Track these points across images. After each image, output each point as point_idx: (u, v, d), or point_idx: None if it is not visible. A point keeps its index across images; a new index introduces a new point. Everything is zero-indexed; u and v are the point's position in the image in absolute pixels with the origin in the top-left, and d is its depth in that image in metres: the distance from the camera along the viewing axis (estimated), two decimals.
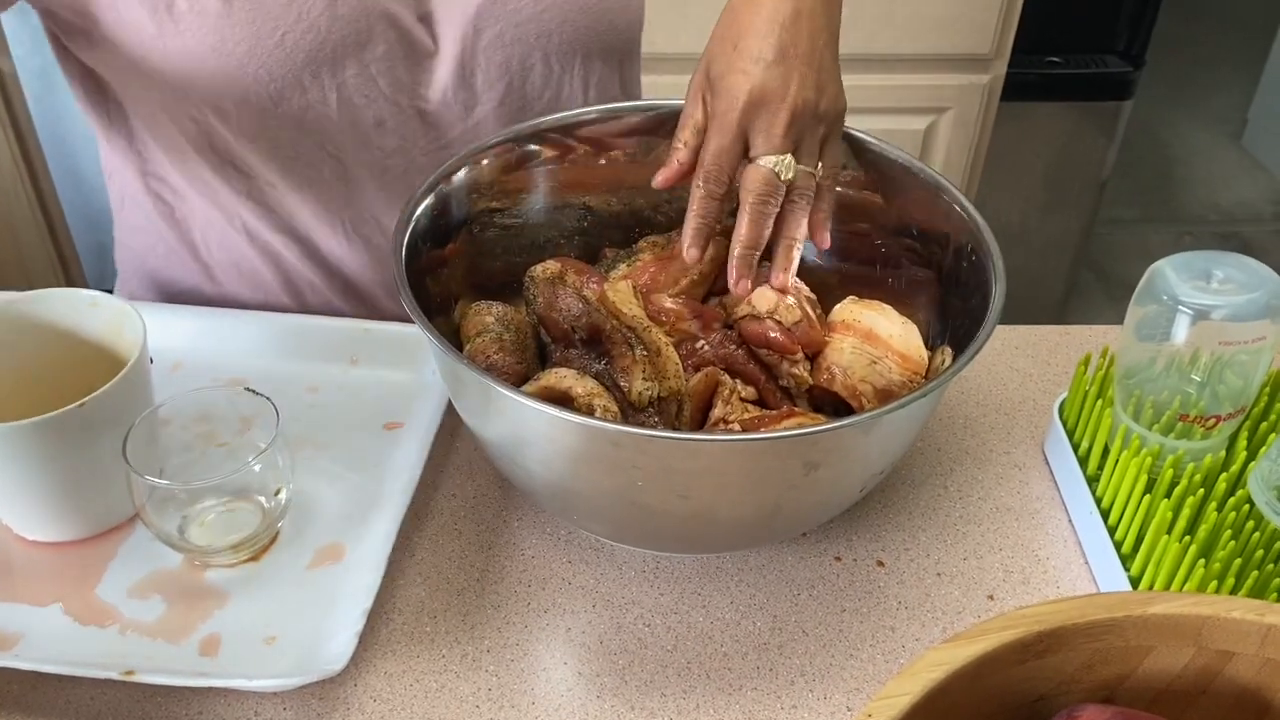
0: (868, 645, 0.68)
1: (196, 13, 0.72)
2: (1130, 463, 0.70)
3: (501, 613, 0.69)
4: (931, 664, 0.46)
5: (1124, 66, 2.02)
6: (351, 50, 0.76)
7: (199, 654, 0.64)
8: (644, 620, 0.69)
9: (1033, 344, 0.92)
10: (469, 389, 0.66)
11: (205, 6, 0.72)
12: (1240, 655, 0.48)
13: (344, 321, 0.85)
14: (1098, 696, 0.50)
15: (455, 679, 0.66)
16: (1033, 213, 2.14)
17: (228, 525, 0.69)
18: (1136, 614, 0.48)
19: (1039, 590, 0.72)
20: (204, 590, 0.68)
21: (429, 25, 0.79)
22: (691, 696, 0.65)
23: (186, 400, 0.70)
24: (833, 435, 0.61)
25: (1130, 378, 0.74)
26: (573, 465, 0.63)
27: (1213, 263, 0.69)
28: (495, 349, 0.71)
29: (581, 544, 0.74)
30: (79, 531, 0.70)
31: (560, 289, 0.74)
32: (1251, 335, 0.68)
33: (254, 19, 0.73)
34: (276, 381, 0.77)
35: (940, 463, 0.81)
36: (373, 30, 0.77)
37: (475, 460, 0.79)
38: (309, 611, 0.66)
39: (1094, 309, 2.50)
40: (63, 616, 0.66)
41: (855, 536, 0.75)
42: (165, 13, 0.72)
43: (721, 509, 0.65)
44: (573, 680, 0.66)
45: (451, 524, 0.75)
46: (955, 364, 0.62)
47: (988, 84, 1.81)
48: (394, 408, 0.80)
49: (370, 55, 0.77)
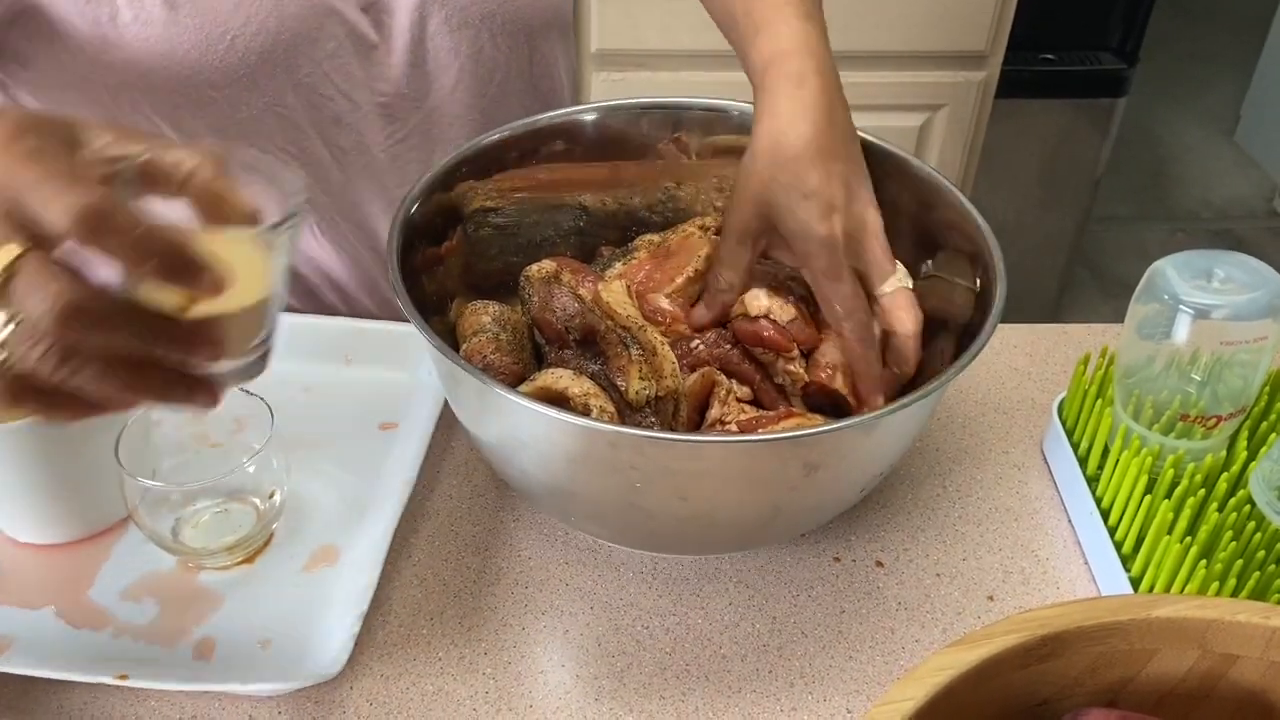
0: (867, 646, 0.68)
1: (142, 23, 0.71)
2: (1130, 463, 0.70)
3: (498, 615, 0.69)
4: (935, 668, 0.45)
5: (1118, 63, 2.02)
6: (303, 48, 0.76)
7: (193, 658, 0.63)
8: (642, 622, 0.69)
9: (1031, 343, 0.91)
10: (465, 389, 0.66)
11: (151, 15, 0.71)
12: (1245, 658, 0.48)
13: (338, 321, 0.84)
14: (1102, 700, 0.50)
15: (452, 682, 0.65)
16: (1027, 210, 2.14)
17: (221, 527, 0.69)
18: (1141, 617, 0.47)
19: (1039, 591, 0.72)
20: (198, 593, 0.67)
21: (375, 16, 0.79)
22: (690, 699, 0.65)
23: None
24: (833, 436, 0.61)
25: (1130, 377, 0.73)
26: (570, 466, 0.63)
27: (1214, 262, 0.69)
28: (492, 349, 0.71)
29: (579, 545, 0.73)
30: (71, 534, 0.70)
31: (556, 288, 0.74)
32: (1252, 335, 0.68)
33: (201, 25, 0.72)
34: (270, 381, 0.76)
35: (939, 463, 0.80)
36: (322, 27, 0.76)
37: (471, 461, 0.79)
38: (304, 614, 0.66)
39: (1088, 306, 2.50)
40: (55, 620, 0.65)
41: (854, 537, 0.75)
42: (110, 24, 0.71)
43: (720, 510, 0.64)
44: (570, 683, 0.65)
45: (448, 525, 0.74)
46: (956, 364, 0.62)
47: (982, 81, 1.81)
48: (389, 408, 0.79)
49: (321, 52, 0.77)
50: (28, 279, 0.42)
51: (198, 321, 0.46)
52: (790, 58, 0.68)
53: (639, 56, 0.89)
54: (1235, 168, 3.02)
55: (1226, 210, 2.87)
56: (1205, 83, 3.33)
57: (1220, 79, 3.31)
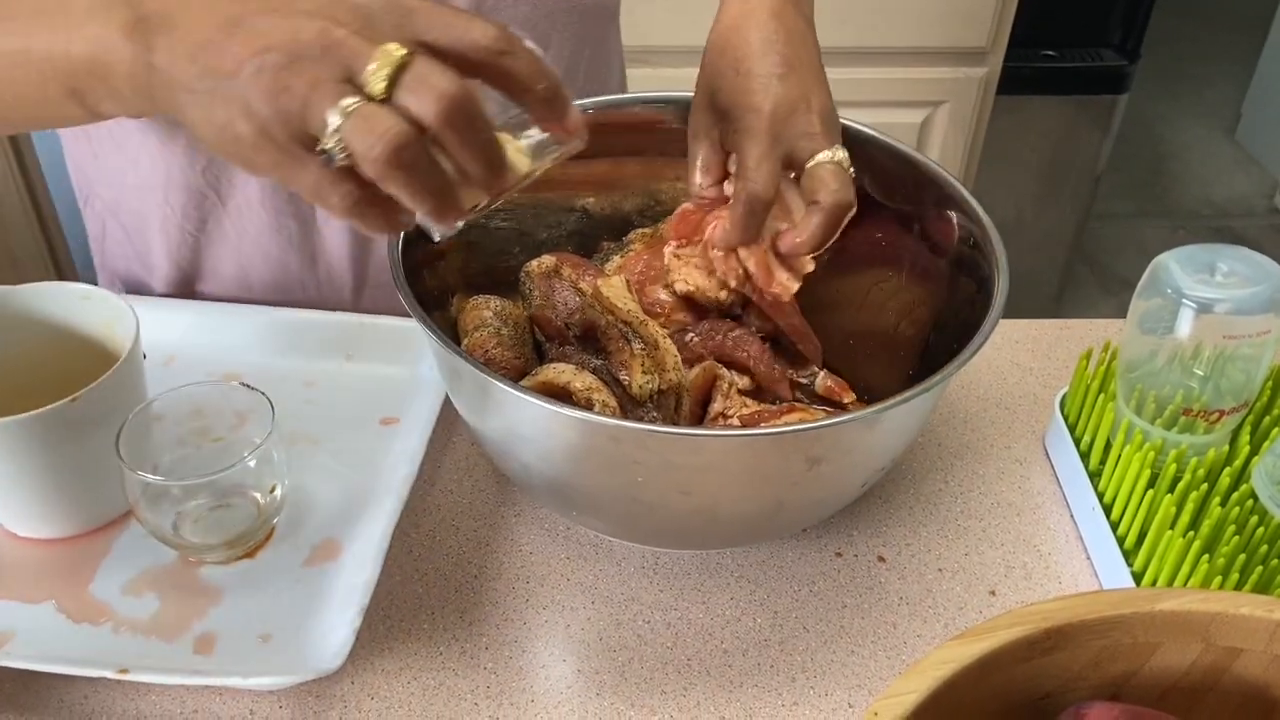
0: (869, 641, 0.68)
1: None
2: (1133, 457, 0.70)
3: (500, 609, 0.69)
4: (938, 661, 0.45)
5: (1119, 60, 2.02)
6: None
7: (194, 652, 0.63)
8: (643, 617, 0.69)
9: (1032, 338, 0.91)
10: (467, 384, 0.66)
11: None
12: (1248, 652, 0.48)
13: (339, 316, 0.84)
14: (1105, 694, 0.50)
15: (453, 676, 0.65)
16: (1028, 206, 2.14)
17: (222, 522, 0.68)
18: (1144, 610, 0.47)
19: (1041, 586, 0.72)
20: (198, 588, 0.67)
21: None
22: (692, 693, 0.65)
23: (180, 395, 0.69)
24: (835, 430, 0.61)
25: (1133, 371, 0.73)
26: (572, 461, 0.63)
27: (1217, 256, 0.69)
28: (494, 343, 0.71)
29: (580, 540, 0.73)
30: (72, 528, 0.70)
31: (556, 283, 0.74)
32: (1255, 329, 0.68)
33: None
34: (271, 376, 0.76)
35: (941, 458, 0.80)
36: None
37: (472, 456, 0.79)
38: (305, 609, 0.66)
39: (1088, 302, 2.50)
40: (55, 614, 0.65)
41: (856, 532, 0.74)
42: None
43: (723, 505, 0.64)
44: (572, 677, 0.65)
45: (449, 520, 0.74)
46: (958, 359, 0.62)
47: (983, 78, 1.81)
48: (390, 403, 0.79)
49: None
50: (420, 73, 0.46)
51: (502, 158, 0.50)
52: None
53: (644, 53, 0.89)
54: (1236, 165, 3.02)
55: (1227, 208, 2.87)
56: (1206, 80, 3.33)
57: (1221, 76, 3.31)
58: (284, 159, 0.48)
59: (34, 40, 0.53)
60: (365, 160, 0.46)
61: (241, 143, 0.47)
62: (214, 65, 0.47)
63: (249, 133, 0.47)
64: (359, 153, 0.46)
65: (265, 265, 0.86)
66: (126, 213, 0.87)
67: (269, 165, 0.48)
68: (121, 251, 0.90)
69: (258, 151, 0.48)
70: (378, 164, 0.46)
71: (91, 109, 0.54)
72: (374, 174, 0.46)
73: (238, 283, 0.88)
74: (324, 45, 0.46)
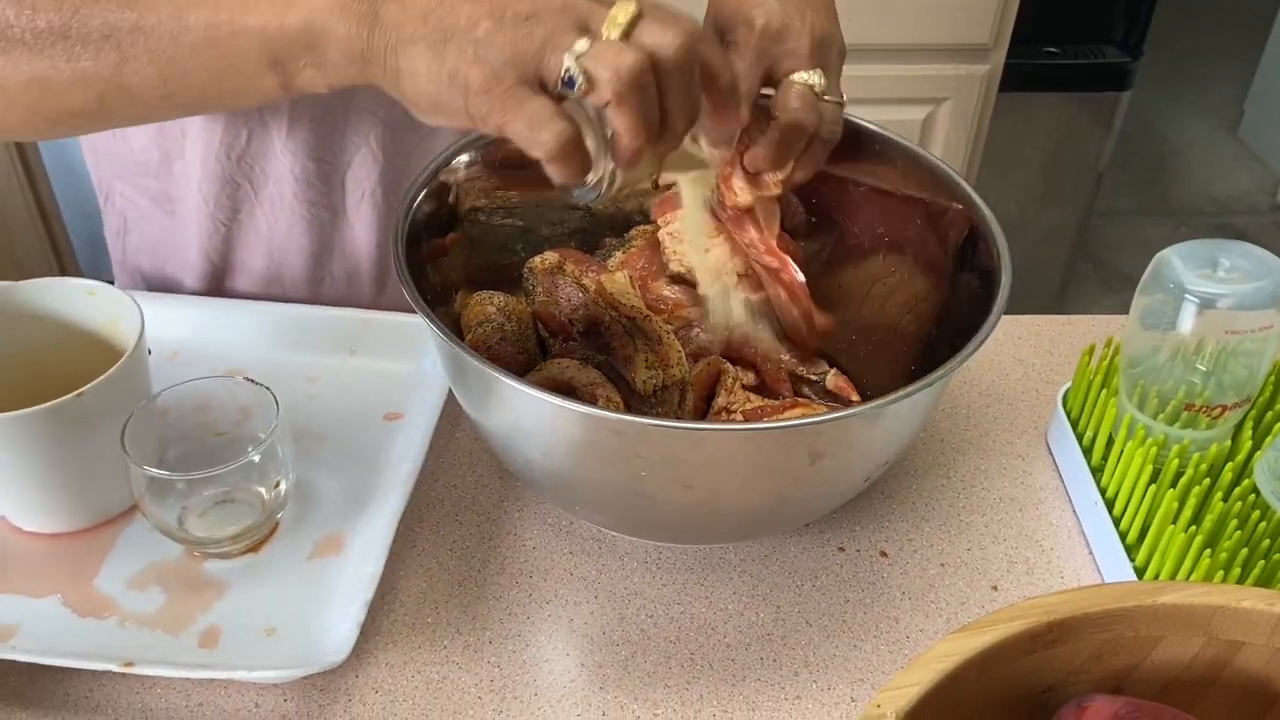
0: (871, 636, 0.68)
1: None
2: (1135, 453, 0.70)
3: (503, 603, 0.69)
4: (941, 654, 0.45)
5: (1122, 57, 2.02)
6: None
7: (199, 646, 0.64)
8: (646, 611, 0.69)
9: (1035, 334, 0.91)
10: (471, 378, 0.66)
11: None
12: (1250, 645, 0.48)
13: (343, 311, 0.84)
14: (1107, 687, 0.50)
15: (457, 670, 0.65)
16: (1030, 203, 2.14)
17: (227, 516, 0.69)
18: (1146, 604, 0.47)
19: (1043, 581, 0.72)
20: (203, 581, 0.67)
21: None
22: (694, 687, 0.65)
23: (185, 390, 0.70)
24: (838, 425, 0.61)
25: (1135, 367, 0.73)
26: (575, 455, 0.63)
27: (1219, 251, 0.69)
28: (497, 339, 0.71)
29: (583, 534, 0.73)
30: (77, 522, 0.70)
31: (560, 279, 0.74)
32: (1258, 324, 0.68)
33: None
34: (275, 372, 0.77)
35: (943, 453, 0.81)
36: None
37: (476, 451, 0.79)
38: (309, 603, 0.66)
39: (1090, 299, 2.50)
40: (61, 608, 0.65)
41: (859, 527, 0.75)
42: None
43: (725, 499, 0.64)
44: (575, 671, 0.66)
45: (453, 515, 0.74)
46: (960, 354, 0.62)
47: (986, 74, 1.81)
48: (394, 398, 0.79)
49: None
50: (660, 17, 0.52)
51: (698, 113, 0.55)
52: None
53: None
54: (1238, 162, 3.02)
55: (1229, 205, 2.86)
56: (1209, 77, 3.32)
57: (1224, 74, 3.30)
58: (507, 100, 0.51)
59: (246, 14, 0.56)
60: (609, 82, 0.50)
61: (468, 88, 0.51)
62: (449, 22, 0.51)
63: (478, 77, 0.51)
64: (604, 77, 0.50)
65: (296, 258, 0.87)
66: (161, 201, 0.87)
67: (487, 108, 0.51)
68: (147, 244, 0.90)
69: (482, 95, 0.51)
70: (621, 83, 0.50)
71: (288, 80, 0.57)
72: (613, 94, 0.50)
73: (266, 277, 0.88)
74: (563, 2, 0.51)
